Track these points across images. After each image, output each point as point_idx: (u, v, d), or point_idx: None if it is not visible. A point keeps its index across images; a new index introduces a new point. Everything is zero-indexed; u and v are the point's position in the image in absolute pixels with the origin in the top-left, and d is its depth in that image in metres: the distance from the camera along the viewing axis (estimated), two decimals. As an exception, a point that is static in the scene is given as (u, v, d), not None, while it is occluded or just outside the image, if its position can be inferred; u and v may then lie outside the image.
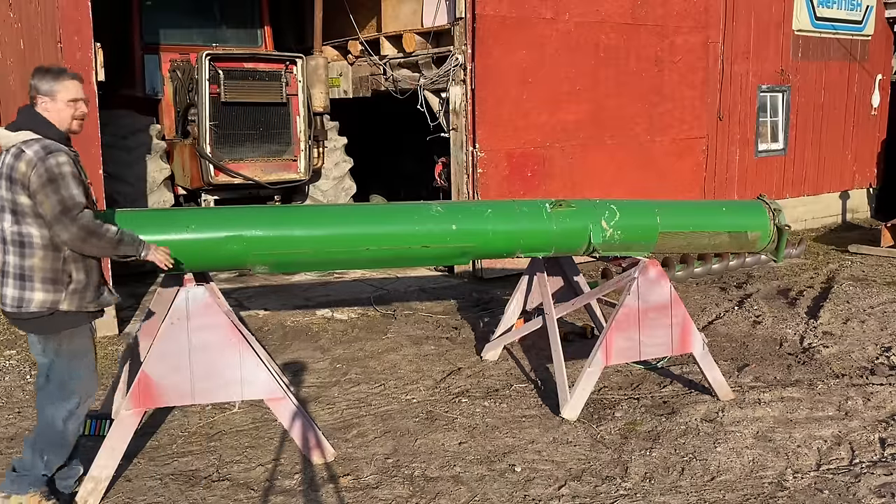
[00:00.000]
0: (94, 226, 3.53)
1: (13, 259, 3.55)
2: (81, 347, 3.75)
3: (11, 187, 3.49)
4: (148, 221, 4.30)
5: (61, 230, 3.48)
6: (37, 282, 3.54)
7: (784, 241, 5.59)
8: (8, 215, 3.54)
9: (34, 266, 3.54)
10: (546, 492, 4.14)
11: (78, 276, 3.61)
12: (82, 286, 3.63)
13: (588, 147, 9.53)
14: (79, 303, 3.63)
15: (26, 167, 3.44)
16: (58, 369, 3.71)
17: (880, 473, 4.26)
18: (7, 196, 3.52)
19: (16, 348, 6.48)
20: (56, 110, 3.60)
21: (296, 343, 6.67)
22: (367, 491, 4.13)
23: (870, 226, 12.65)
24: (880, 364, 6.03)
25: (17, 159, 3.47)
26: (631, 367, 5.95)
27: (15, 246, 3.55)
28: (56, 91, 3.59)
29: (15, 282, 3.56)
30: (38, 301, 3.55)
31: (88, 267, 3.65)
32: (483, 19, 8.55)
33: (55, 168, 3.45)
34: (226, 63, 8.70)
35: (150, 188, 8.80)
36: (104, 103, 7.18)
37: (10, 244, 3.56)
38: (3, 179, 3.52)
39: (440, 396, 5.49)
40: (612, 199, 5.47)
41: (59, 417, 3.72)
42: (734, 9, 11.10)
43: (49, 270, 3.55)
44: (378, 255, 4.78)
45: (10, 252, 3.56)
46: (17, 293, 3.56)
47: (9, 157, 3.51)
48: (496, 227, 4.97)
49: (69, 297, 3.60)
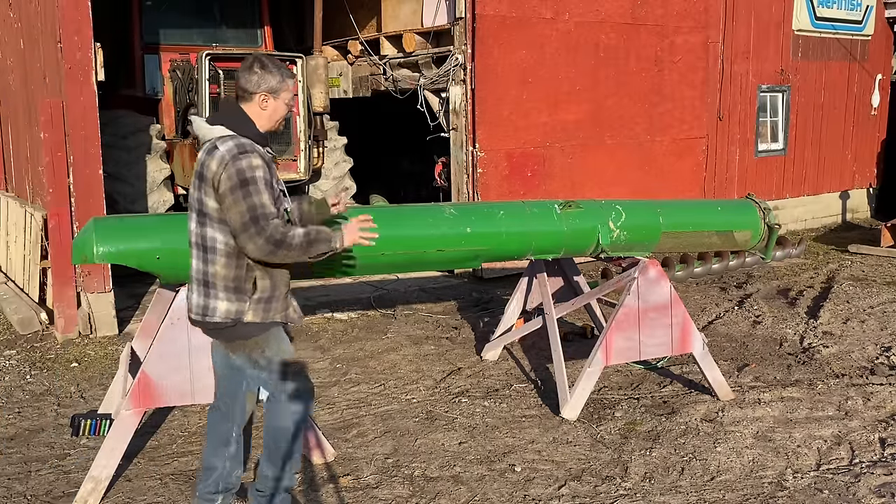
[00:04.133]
0: (280, 236, 3.18)
1: (196, 263, 3.33)
2: (281, 351, 3.45)
3: (201, 186, 3.24)
4: (150, 227, 4.20)
5: (246, 241, 3.18)
6: (220, 290, 3.29)
7: (774, 239, 5.60)
8: (193, 215, 3.31)
9: (216, 273, 3.28)
10: (546, 492, 4.14)
11: (262, 284, 3.32)
12: (266, 296, 3.34)
13: (588, 147, 9.53)
14: (263, 314, 3.33)
15: (217, 165, 3.17)
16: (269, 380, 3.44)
17: (880, 473, 4.26)
18: (195, 194, 3.28)
19: (16, 348, 6.48)
20: (273, 109, 3.37)
21: (296, 343, 6.66)
22: (367, 491, 4.13)
23: (870, 226, 12.65)
24: (880, 364, 6.03)
25: (210, 156, 3.22)
26: (631, 367, 5.96)
27: (199, 250, 3.31)
28: (281, 90, 3.36)
29: (199, 288, 3.33)
30: (223, 311, 3.29)
31: (273, 276, 3.36)
32: (483, 19, 8.55)
33: (247, 171, 3.16)
34: (226, 63, 8.69)
35: (150, 188, 8.80)
36: (104, 103, 7.19)
37: (195, 247, 3.33)
38: (195, 176, 3.29)
39: (440, 396, 5.49)
40: (614, 199, 5.47)
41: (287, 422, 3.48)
42: (734, 9, 11.10)
43: (232, 279, 3.28)
44: (393, 260, 4.69)
45: (194, 256, 3.35)
46: (201, 300, 3.33)
47: (202, 154, 3.28)
48: (509, 229, 4.92)
49: (254, 308, 3.32)
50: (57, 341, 6.62)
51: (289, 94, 3.40)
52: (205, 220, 3.27)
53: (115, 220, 4.21)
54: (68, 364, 6.11)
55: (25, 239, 7.63)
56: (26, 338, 6.76)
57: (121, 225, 4.10)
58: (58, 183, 6.59)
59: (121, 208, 8.37)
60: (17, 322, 6.96)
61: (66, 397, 5.46)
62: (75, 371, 5.97)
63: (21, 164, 8.62)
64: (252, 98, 3.33)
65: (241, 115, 3.32)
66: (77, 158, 6.62)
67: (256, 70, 3.31)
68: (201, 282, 3.32)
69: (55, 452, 4.59)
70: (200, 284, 3.33)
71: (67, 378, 5.82)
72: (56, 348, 6.47)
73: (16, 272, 8.04)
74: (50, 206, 6.64)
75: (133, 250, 3.97)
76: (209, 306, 3.31)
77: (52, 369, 6.00)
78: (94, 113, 6.65)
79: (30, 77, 7.85)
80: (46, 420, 5.06)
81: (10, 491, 4.13)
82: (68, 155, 6.61)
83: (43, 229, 7.09)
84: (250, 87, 3.31)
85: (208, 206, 3.24)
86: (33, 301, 7.26)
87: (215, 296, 3.29)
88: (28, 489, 4.15)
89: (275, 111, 3.39)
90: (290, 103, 3.46)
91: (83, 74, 6.56)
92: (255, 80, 3.31)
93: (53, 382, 5.73)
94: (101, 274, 6.78)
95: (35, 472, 4.34)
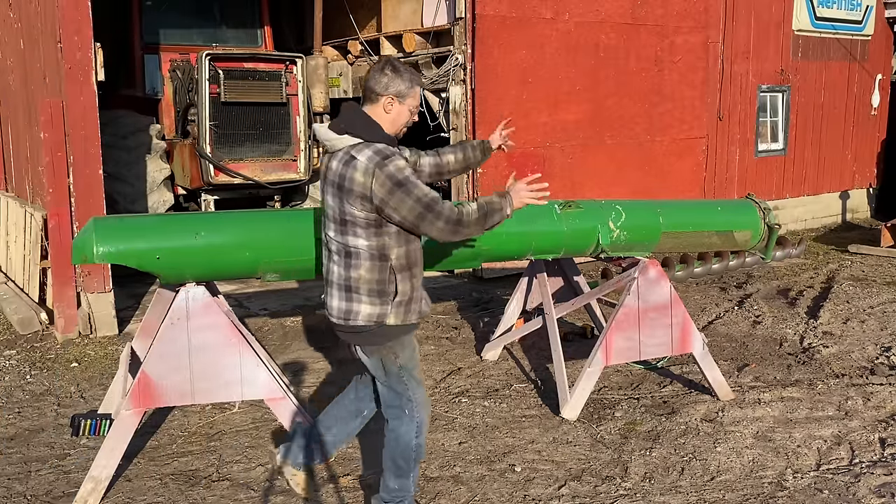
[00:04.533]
0: (457, 216, 3.30)
1: (338, 270, 3.38)
2: (411, 357, 3.54)
3: (341, 196, 3.26)
4: (150, 228, 4.19)
5: (429, 227, 3.26)
6: (363, 294, 3.34)
7: (774, 239, 5.60)
8: (332, 223, 3.36)
9: (360, 278, 3.33)
10: (546, 492, 4.14)
11: (403, 287, 3.38)
12: (406, 298, 3.40)
13: (588, 147, 9.53)
14: (404, 316, 3.41)
15: (363, 177, 3.18)
16: (397, 385, 3.51)
17: (880, 473, 4.26)
18: (334, 204, 3.31)
19: (16, 348, 6.48)
20: (397, 113, 3.38)
21: (296, 343, 6.67)
22: (367, 491, 4.13)
23: (870, 226, 12.65)
24: (880, 364, 6.03)
25: (348, 167, 3.22)
26: (631, 367, 5.96)
27: (340, 256, 3.36)
28: (408, 95, 3.37)
29: (340, 293, 3.38)
30: (366, 314, 3.35)
31: (413, 277, 3.43)
32: (483, 19, 8.55)
33: (397, 174, 3.19)
34: (226, 63, 8.70)
35: (149, 188, 8.81)
36: (104, 103, 7.19)
37: (336, 254, 3.38)
38: (330, 186, 3.31)
39: (440, 396, 5.49)
40: (614, 199, 5.47)
41: (412, 433, 3.54)
42: (734, 9, 11.11)
43: (375, 282, 3.33)
44: None
45: (334, 262, 3.40)
46: (343, 305, 3.38)
47: (335, 164, 3.29)
48: (510, 228, 4.91)
49: (395, 311, 3.38)
50: (57, 341, 6.63)
51: (414, 101, 3.41)
52: (346, 229, 3.31)
53: (115, 220, 4.21)
54: (68, 364, 6.11)
55: (25, 239, 7.63)
56: (26, 338, 6.76)
57: (121, 225, 4.10)
58: (58, 183, 6.59)
59: (121, 208, 8.38)
60: (17, 322, 6.96)
61: (66, 397, 5.46)
62: (75, 371, 5.97)
63: (21, 164, 8.62)
64: (378, 100, 3.34)
65: (367, 120, 3.33)
66: (77, 158, 6.62)
67: (387, 72, 3.33)
68: (343, 286, 3.37)
69: (55, 452, 4.59)
70: (342, 289, 3.38)
71: (67, 378, 5.82)
72: (56, 348, 6.47)
73: (16, 272, 8.04)
74: (50, 206, 6.64)
75: (133, 250, 3.96)
76: (352, 310, 3.36)
77: (52, 369, 6.00)
78: (94, 113, 6.65)
79: (30, 77, 7.86)
80: (46, 420, 5.06)
81: (10, 491, 4.13)
82: (68, 155, 6.61)
83: (43, 229, 7.09)
84: (378, 89, 3.33)
85: (353, 214, 3.26)
86: (33, 301, 7.26)
87: (358, 300, 3.35)
88: (28, 489, 4.16)
89: (399, 115, 3.40)
90: (414, 110, 3.46)
91: (83, 74, 6.56)
92: (384, 82, 3.32)
93: (53, 382, 5.73)
94: (101, 274, 6.79)
95: (35, 472, 4.34)
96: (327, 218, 3.40)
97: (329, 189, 3.34)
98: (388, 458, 3.58)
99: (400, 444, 3.54)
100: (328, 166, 3.35)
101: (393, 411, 3.56)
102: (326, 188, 3.36)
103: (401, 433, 3.53)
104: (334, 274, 3.40)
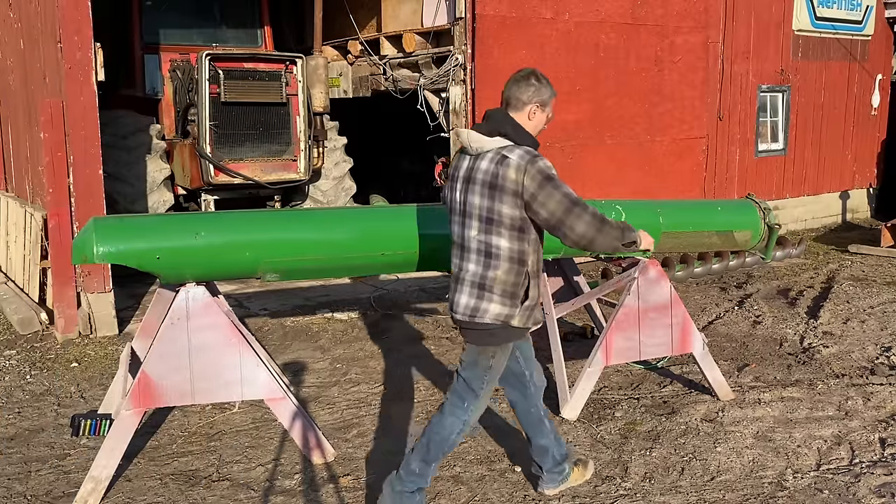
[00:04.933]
0: (601, 215, 3.45)
1: (473, 267, 3.50)
2: (501, 366, 3.68)
3: (492, 194, 3.39)
4: (150, 228, 4.19)
5: (576, 221, 3.37)
6: (496, 294, 3.46)
7: (774, 239, 5.60)
8: (475, 223, 3.47)
9: (496, 278, 3.44)
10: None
11: (532, 293, 3.53)
12: (533, 304, 3.54)
13: (588, 147, 9.53)
14: (526, 320, 3.54)
15: (516, 173, 3.34)
16: (475, 381, 3.65)
17: (880, 473, 4.26)
18: (482, 203, 3.43)
19: (16, 348, 6.48)
20: (538, 120, 3.56)
21: (296, 343, 6.67)
22: (367, 491, 4.13)
23: (870, 226, 12.65)
24: (880, 364, 6.03)
25: (501, 165, 3.37)
26: (631, 367, 5.96)
27: (479, 255, 3.48)
28: (549, 103, 3.58)
29: (472, 290, 3.50)
30: (494, 313, 3.47)
31: (540, 285, 3.60)
32: (483, 19, 8.55)
33: (546, 170, 3.37)
34: (226, 63, 8.70)
35: (149, 188, 8.80)
36: (104, 103, 7.19)
37: (473, 252, 3.50)
38: (479, 185, 3.43)
39: (440, 396, 5.48)
40: (614, 199, 5.47)
41: (456, 428, 3.67)
42: (734, 9, 11.10)
43: (510, 284, 3.46)
44: (393, 260, 4.69)
45: (470, 260, 3.52)
46: (472, 302, 3.50)
47: (485, 163, 3.43)
48: None
49: (521, 314, 3.51)
50: (57, 341, 6.63)
51: (552, 109, 3.64)
52: (491, 228, 3.43)
53: (115, 220, 4.21)
54: (68, 364, 6.11)
55: (25, 239, 7.63)
56: (26, 338, 6.76)
57: (121, 225, 4.10)
58: (58, 183, 6.59)
59: (121, 208, 8.37)
60: (17, 322, 6.96)
61: (66, 397, 5.46)
62: (75, 371, 5.97)
63: (21, 164, 8.62)
64: (523, 108, 3.53)
65: (516, 124, 3.50)
66: (77, 158, 6.62)
67: (533, 82, 3.54)
68: (476, 284, 3.50)
69: (55, 452, 4.59)
70: (475, 287, 3.50)
71: (67, 378, 5.82)
72: (56, 348, 6.47)
73: (16, 272, 8.04)
74: (50, 206, 6.64)
75: (133, 250, 3.97)
76: (480, 308, 3.48)
77: (52, 369, 6.00)
78: (94, 113, 6.65)
79: (30, 77, 7.86)
80: (46, 420, 5.06)
81: (10, 491, 4.13)
82: (68, 155, 6.61)
83: (43, 229, 7.10)
84: (524, 98, 3.52)
85: (502, 213, 3.39)
86: (33, 301, 7.26)
87: (489, 298, 3.47)
88: (28, 489, 4.15)
89: (539, 122, 3.59)
90: (552, 117, 3.67)
91: (83, 74, 6.56)
92: (531, 92, 3.52)
93: (53, 382, 5.73)
94: (101, 274, 6.79)
95: (35, 472, 4.34)
96: (467, 216, 3.51)
97: (476, 188, 3.45)
98: (426, 439, 3.68)
99: (441, 433, 3.66)
100: (474, 167, 3.48)
101: (454, 400, 3.69)
102: (471, 187, 3.47)
103: (447, 423, 3.66)
104: (468, 272, 3.53)
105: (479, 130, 3.50)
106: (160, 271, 4.07)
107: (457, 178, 3.56)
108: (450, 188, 3.62)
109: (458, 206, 3.55)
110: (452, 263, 3.65)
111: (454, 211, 3.58)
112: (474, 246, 3.49)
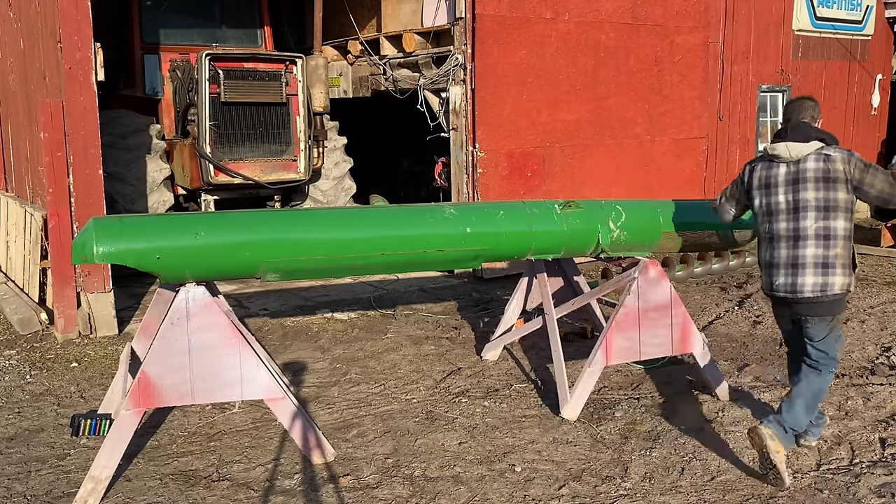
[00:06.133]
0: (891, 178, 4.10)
1: (814, 251, 4.14)
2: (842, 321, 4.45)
3: (827, 186, 4.09)
4: (150, 228, 4.19)
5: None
6: (837, 268, 4.13)
7: None
8: (812, 213, 4.12)
9: (837, 255, 4.13)
10: (546, 492, 4.14)
11: (857, 261, 4.25)
12: (856, 270, 4.25)
13: (588, 147, 9.53)
14: (854, 284, 4.24)
15: (842, 165, 4.08)
16: (829, 343, 4.28)
17: (880, 473, 4.27)
18: (818, 195, 4.11)
19: (16, 348, 6.48)
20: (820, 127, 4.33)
21: (296, 343, 6.67)
22: (367, 491, 4.13)
23: (870, 226, 12.64)
24: (880, 364, 6.03)
25: (828, 162, 4.09)
26: (631, 367, 5.95)
27: (819, 239, 4.13)
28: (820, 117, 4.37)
29: (815, 270, 4.13)
30: (840, 284, 4.14)
31: None
32: (483, 19, 8.55)
33: (863, 160, 4.13)
34: (226, 63, 8.69)
35: (149, 188, 8.80)
36: (104, 103, 7.19)
37: (811, 238, 4.14)
38: (811, 182, 4.12)
39: (440, 396, 5.49)
40: (614, 199, 5.47)
41: (825, 384, 4.31)
42: (734, 9, 11.10)
43: (846, 257, 4.15)
44: (393, 260, 4.69)
45: (808, 246, 4.14)
46: (820, 280, 4.13)
47: (811, 163, 4.12)
48: (509, 229, 4.92)
49: (853, 280, 4.22)
50: (57, 341, 6.63)
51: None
52: (829, 214, 4.12)
53: (114, 220, 4.20)
54: (68, 364, 6.11)
55: (25, 239, 7.64)
56: (26, 338, 6.76)
57: (120, 225, 4.10)
58: (58, 183, 6.59)
59: (121, 208, 8.38)
60: (17, 322, 6.96)
61: (66, 397, 5.46)
62: (75, 371, 5.97)
63: (21, 164, 8.62)
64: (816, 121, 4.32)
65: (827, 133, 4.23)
66: (77, 158, 6.62)
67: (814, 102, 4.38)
68: (820, 264, 4.14)
69: (55, 452, 4.59)
70: (819, 266, 4.14)
71: (67, 378, 5.82)
72: (56, 348, 6.48)
73: (16, 272, 8.04)
74: (50, 206, 6.64)
75: (133, 250, 3.97)
76: (828, 283, 4.14)
77: (52, 369, 6.00)
78: (93, 113, 6.65)
79: (30, 77, 7.86)
80: (46, 420, 5.06)
81: (10, 491, 4.13)
82: (68, 155, 6.61)
83: (43, 229, 7.10)
84: (815, 115, 4.34)
85: (838, 199, 4.11)
86: (33, 301, 7.26)
87: (833, 273, 4.14)
88: (28, 489, 4.16)
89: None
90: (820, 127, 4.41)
91: (83, 74, 6.56)
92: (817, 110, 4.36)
93: (53, 382, 5.73)
94: (101, 274, 6.78)
95: (35, 472, 4.34)
96: (800, 210, 4.15)
97: (808, 185, 4.13)
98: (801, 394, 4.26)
99: (812, 390, 4.27)
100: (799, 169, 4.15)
101: (816, 365, 4.30)
102: (801, 185, 4.14)
103: (814, 383, 4.28)
104: (808, 256, 4.16)
105: (792, 139, 4.18)
106: (160, 271, 4.07)
107: (774, 183, 4.23)
108: (764, 194, 4.28)
109: (783, 206, 4.21)
110: (764, 255, 4.32)
111: (776, 211, 4.23)
112: (811, 233, 4.14)
